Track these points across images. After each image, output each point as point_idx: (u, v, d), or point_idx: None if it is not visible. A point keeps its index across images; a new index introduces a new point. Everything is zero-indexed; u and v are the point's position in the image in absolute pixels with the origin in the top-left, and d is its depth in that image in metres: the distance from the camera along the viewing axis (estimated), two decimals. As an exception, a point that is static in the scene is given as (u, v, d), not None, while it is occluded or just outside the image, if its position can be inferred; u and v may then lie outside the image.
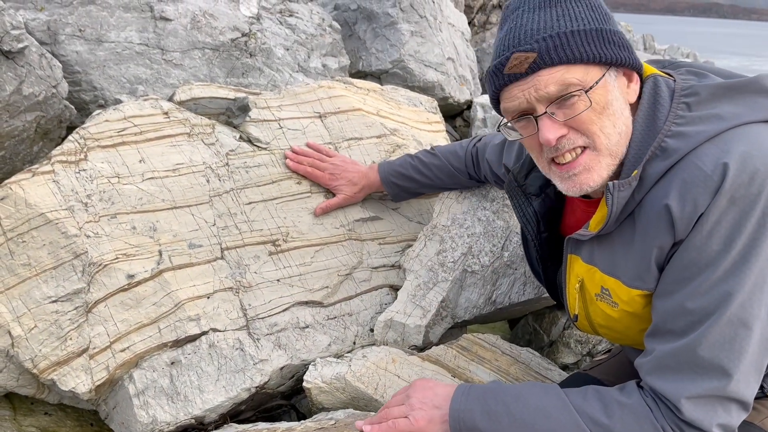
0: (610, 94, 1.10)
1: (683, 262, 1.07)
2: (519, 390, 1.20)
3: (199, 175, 1.75)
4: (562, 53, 1.07)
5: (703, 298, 1.05)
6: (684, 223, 1.05)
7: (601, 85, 1.09)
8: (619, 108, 1.12)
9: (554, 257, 1.42)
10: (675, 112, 1.11)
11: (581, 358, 2.20)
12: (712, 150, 1.06)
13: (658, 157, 1.10)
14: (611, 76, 1.11)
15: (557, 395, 1.16)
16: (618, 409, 1.11)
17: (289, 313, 1.73)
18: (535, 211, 1.37)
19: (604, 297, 1.23)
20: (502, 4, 5.37)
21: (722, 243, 1.03)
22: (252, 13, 2.74)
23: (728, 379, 1.04)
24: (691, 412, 1.05)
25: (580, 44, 1.07)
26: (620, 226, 1.17)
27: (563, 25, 1.08)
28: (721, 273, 1.04)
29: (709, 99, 1.11)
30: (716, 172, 1.03)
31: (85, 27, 2.32)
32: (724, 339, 1.04)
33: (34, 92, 1.98)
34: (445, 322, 1.81)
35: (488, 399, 1.19)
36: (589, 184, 1.14)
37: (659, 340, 1.11)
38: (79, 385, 1.50)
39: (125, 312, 1.56)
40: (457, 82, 3.69)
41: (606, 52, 1.09)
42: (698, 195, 1.04)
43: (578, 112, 1.09)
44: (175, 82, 2.42)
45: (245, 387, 1.59)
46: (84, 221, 1.57)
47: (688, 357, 1.06)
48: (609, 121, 1.10)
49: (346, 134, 2.00)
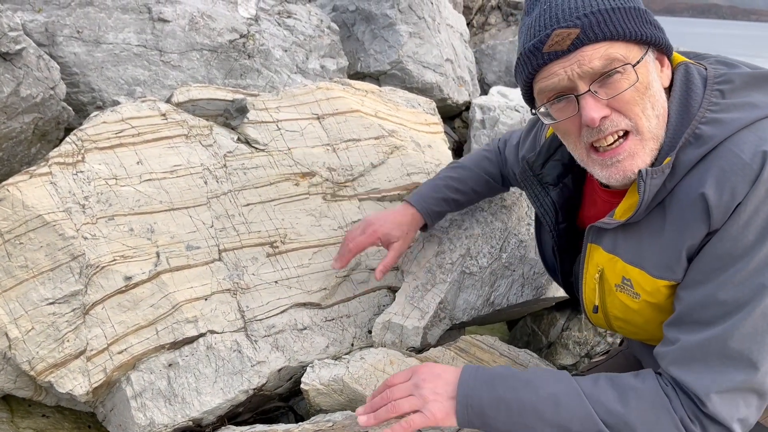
0: (651, 75, 1.09)
1: (717, 252, 1.05)
2: (529, 376, 1.16)
3: (196, 176, 1.75)
4: (606, 29, 1.05)
5: (736, 288, 1.02)
6: (721, 212, 1.03)
7: (643, 64, 1.08)
8: (658, 90, 1.11)
9: (571, 248, 1.39)
10: (709, 99, 1.09)
11: (579, 360, 2.20)
12: (751, 137, 1.03)
13: (692, 145, 1.07)
14: (650, 56, 1.10)
15: (568, 382, 1.13)
16: (634, 397, 1.08)
17: (286, 314, 1.73)
18: (554, 201, 1.34)
19: (624, 288, 1.20)
20: (500, 5, 5.37)
21: (759, 234, 1.01)
22: (250, 14, 2.74)
23: (755, 372, 1.02)
24: (716, 405, 1.03)
25: (622, 21, 1.06)
26: (649, 215, 1.14)
27: (602, 3, 1.06)
28: (756, 264, 1.01)
29: (742, 87, 1.10)
30: (755, 161, 1.01)
31: (83, 28, 2.32)
32: (756, 331, 1.01)
33: (31, 94, 1.98)
34: (443, 323, 1.81)
35: (497, 384, 1.15)
36: (633, 170, 1.10)
37: (684, 330, 1.08)
38: (76, 387, 1.50)
39: (123, 314, 1.55)
40: (455, 84, 3.69)
41: (645, 31, 1.08)
42: (737, 183, 1.01)
43: (622, 89, 1.06)
44: (173, 83, 2.42)
45: (243, 389, 1.59)
46: (81, 223, 1.57)
47: (718, 348, 1.04)
48: (649, 102, 1.09)
49: (344, 136, 2.00)
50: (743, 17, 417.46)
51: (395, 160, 2.02)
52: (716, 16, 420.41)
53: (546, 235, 1.43)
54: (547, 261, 1.50)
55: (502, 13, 5.39)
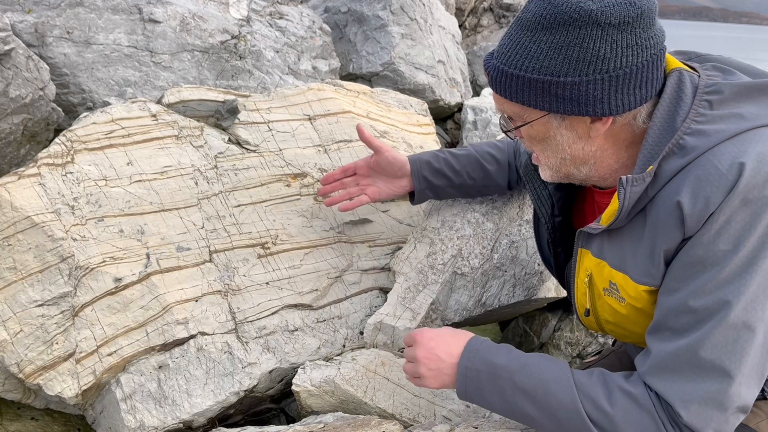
0: (550, 131, 1.15)
1: (689, 258, 1.06)
2: (527, 359, 1.20)
3: (187, 177, 1.74)
4: (503, 89, 1.13)
5: (707, 297, 1.04)
6: (694, 219, 1.04)
7: (540, 123, 1.15)
8: (566, 142, 1.16)
9: (566, 246, 1.42)
10: (696, 110, 1.10)
11: (571, 360, 2.20)
12: (730, 149, 1.04)
13: (675, 155, 1.08)
14: (555, 118, 1.14)
15: (563, 371, 1.16)
16: (621, 398, 1.09)
17: (278, 316, 1.72)
18: (551, 193, 1.38)
19: (612, 292, 1.22)
20: (492, 7, 5.39)
21: (731, 243, 1.02)
22: (242, 15, 2.74)
23: (730, 381, 1.03)
24: (690, 415, 1.04)
25: (519, 89, 1.11)
26: (631, 221, 1.16)
27: (518, 62, 1.09)
28: (727, 274, 1.03)
29: (732, 98, 1.10)
30: (731, 171, 1.02)
31: (73, 29, 2.31)
32: (727, 341, 1.02)
33: (20, 94, 1.97)
34: (434, 324, 1.81)
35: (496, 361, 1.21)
36: (543, 176, 1.26)
37: (660, 337, 1.10)
38: (65, 390, 1.49)
39: (112, 316, 1.55)
40: (447, 85, 3.69)
41: (545, 104, 1.10)
42: (711, 193, 1.02)
43: (520, 135, 1.20)
44: (164, 84, 2.41)
45: (234, 391, 1.58)
46: (71, 224, 1.56)
47: (689, 358, 1.05)
48: (550, 149, 1.19)
49: (336, 137, 1.99)
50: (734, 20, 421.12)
51: (387, 161, 2.01)
52: (707, 18, 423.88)
53: (542, 227, 1.45)
54: (543, 254, 1.53)
55: (494, 14, 5.41)
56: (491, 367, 1.20)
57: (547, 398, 1.13)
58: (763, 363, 1.05)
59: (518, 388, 1.16)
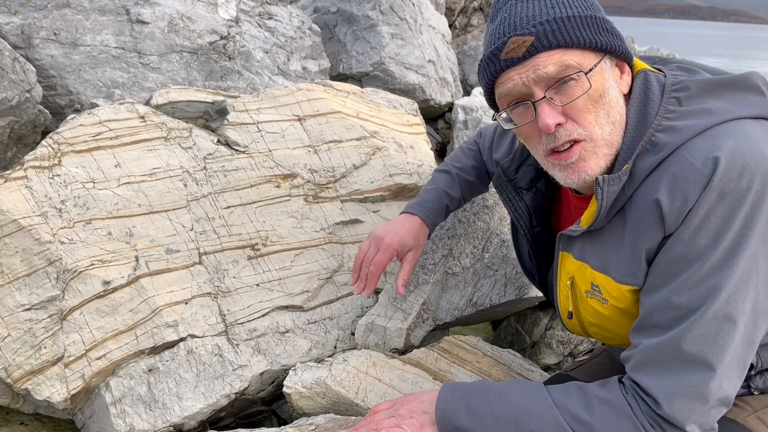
0: (606, 82, 1.11)
1: (671, 256, 1.07)
2: (502, 388, 1.19)
3: (176, 179, 1.73)
4: (560, 36, 1.07)
5: (690, 292, 1.05)
6: (673, 217, 1.05)
7: (598, 71, 1.10)
8: (615, 97, 1.12)
9: (546, 253, 1.41)
10: (665, 107, 1.12)
11: (563, 359, 2.21)
12: (703, 144, 1.06)
13: (648, 152, 1.10)
14: (606, 63, 1.12)
15: (539, 392, 1.16)
16: (598, 406, 1.10)
17: (268, 317, 1.71)
18: (527, 205, 1.37)
19: (594, 294, 1.23)
20: (482, 7, 5.39)
21: (710, 238, 1.03)
22: (230, 15, 2.72)
23: (712, 373, 1.04)
24: (672, 408, 1.05)
25: (576, 29, 1.08)
26: (611, 221, 1.17)
27: (559, 11, 1.09)
28: (708, 268, 1.04)
29: (698, 94, 1.12)
30: (706, 167, 1.03)
31: (60, 30, 2.29)
32: (709, 333, 1.03)
33: (7, 97, 1.95)
34: (426, 324, 1.80)
35: (472, 397, 1.19)
36: (587, 172, 1.12)
37: (645, 334, 1.11)
38: (54, 395, 1.47)
39: (101, 319, 1.53)
40: (437, 85, 3.69)
41: (601, 39, 1.10)
42: (688, 189, 1.04)
43: (576, 96, 1.08)
44: (152, 85, 2.40)
45: (224, 393, 1.57)
46: (58, 227, 1.54)
47: (672, 351, 1.06)
48: (603, 110, 1.11)
49: (326, 137, 1.99)
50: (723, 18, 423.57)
51: (377, 161, 2.01)
52: (696, 17, 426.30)
53: (522, 239, 1.44)
54: (524, 264, 1.52)
55: (484, 14, 5.42)
56: (468, 404, 1.18)
57: (530, 421, 1.13)
58: (745, 355, 1.06)
59: (499, 418, 1.15)
